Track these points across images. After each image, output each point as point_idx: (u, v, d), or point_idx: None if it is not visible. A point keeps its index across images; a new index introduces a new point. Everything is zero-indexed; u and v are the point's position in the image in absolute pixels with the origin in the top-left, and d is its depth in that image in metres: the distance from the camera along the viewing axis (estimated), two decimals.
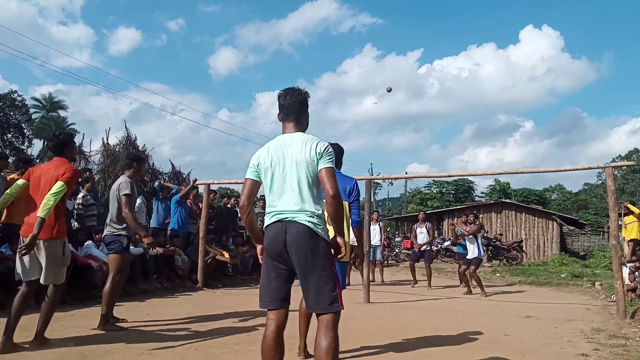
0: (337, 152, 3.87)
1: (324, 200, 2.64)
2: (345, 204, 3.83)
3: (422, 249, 10.42)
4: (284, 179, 2.64)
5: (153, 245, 5.10)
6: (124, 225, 4.92)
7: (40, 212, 3.73)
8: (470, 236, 9.11)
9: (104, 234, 5.16)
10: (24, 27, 72.00)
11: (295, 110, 2.79)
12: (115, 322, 4.93)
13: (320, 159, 2.62)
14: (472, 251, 9.10)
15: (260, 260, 2.76)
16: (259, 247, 2.79)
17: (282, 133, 2.81)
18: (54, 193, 3.79)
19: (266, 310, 2.67)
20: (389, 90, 6.29)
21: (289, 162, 2.64)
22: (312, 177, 2.62)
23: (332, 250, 2.64)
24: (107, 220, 5.05)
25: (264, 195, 2.94)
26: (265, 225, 2.67)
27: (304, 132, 2.81)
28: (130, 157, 5.44)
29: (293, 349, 3.85)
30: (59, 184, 3.84)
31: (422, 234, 10.58)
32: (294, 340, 3.88)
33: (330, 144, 3.98)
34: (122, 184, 4.97)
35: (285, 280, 2.65)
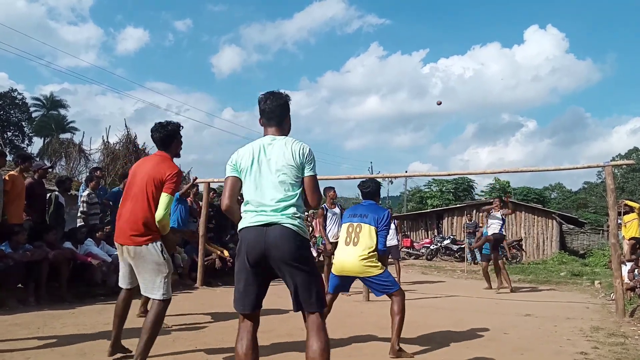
0: (376, 187, 4.43)
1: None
2: (372, 229, 4.08)
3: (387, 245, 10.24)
4: (263, 180, 2.58)
5: None
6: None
7: (162, 232, 3.47)
8: (499, 214, 9.14)
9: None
10: (33, 27, 72.29)
11: (276, 114, 2.73)
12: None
13: (305, 163, 2.60)
14: (495, 227, 9.05)
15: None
16: None
17: (264, 135, 2.76)
18: (163, 211, 3.38)
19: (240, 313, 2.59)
20: (439, 104, 6.41)
21: (271, 163, 2.59)
22: (293, 179, 2.57)
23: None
24: None
25: None
26: (241, 227, 2.57)
27: (286, 136, 2.76)
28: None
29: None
30: (165, 198, 3.38)
31: (390, 230, 10.33)
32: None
33: (370, 180, 4.45)
34: None
35: (261, 285, 2.59)
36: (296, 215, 2.53)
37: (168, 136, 3.60)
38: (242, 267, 2.56)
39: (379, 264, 4.05)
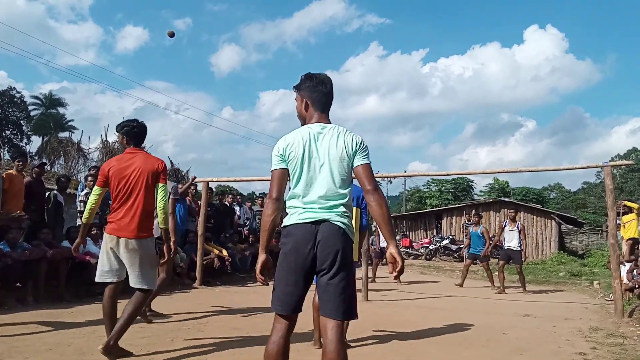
0: None
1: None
2: (358, 210, 4.40)
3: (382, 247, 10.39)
4: (313, 174, 2.39)
5: None
6: None
7: (162, 224, 3.63)
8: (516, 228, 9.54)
9: None
10: (33, 26, 72.30)
11: (331, 100, 2.57)
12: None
13: (357, 152, 2.41)
14: (515, 243, 9.46)
15: (258, 270, 2.42)
16: (263, 257, 2.42)
17: (310, 123, 2.52)
18: (165, 200, 3.61)
19: (275, 313, 2.40)
20: (171, 35, 6.05)
21: (323, 156, 2.40)
22: (345, 175, 2.40)
23: (390, 266, 2.31)
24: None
25: (263, 194, 2.81)
26: (289, 224, 2.39)
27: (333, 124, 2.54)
28: None
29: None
30: (163, 187, 3.63)
31: None
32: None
33: None
34: None
35: (304, 286, 2.36)
36: (346, 214, 2.37)
37: (144, 132, 3.89)
38: (287, 266, 2.35)
39: (356, 251, 4.36)
